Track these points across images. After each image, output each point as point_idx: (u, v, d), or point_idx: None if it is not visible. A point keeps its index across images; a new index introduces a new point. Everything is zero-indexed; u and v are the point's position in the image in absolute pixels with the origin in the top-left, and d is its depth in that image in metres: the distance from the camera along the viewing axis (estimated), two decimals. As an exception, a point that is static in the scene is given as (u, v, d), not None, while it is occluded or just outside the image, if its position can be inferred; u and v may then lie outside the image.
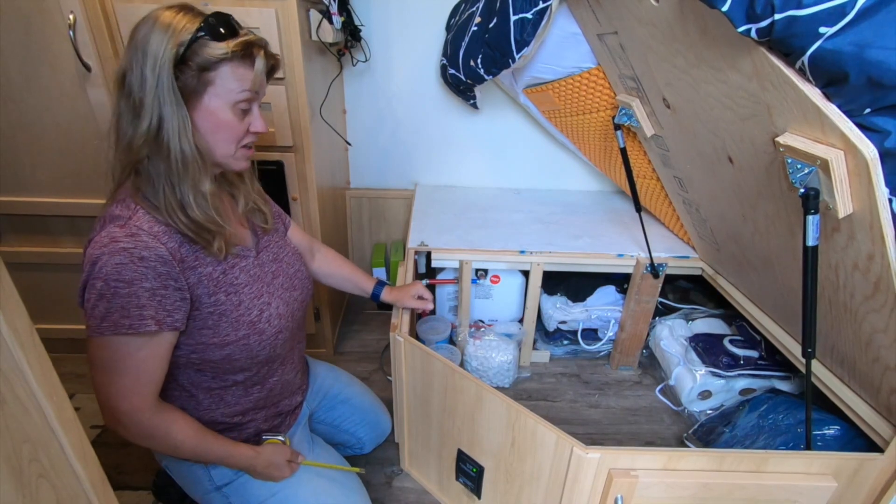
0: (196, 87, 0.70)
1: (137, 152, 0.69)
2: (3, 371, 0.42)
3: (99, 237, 0.68)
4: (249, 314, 0.81)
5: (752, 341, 1.36)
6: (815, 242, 0.74)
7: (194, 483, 0.89)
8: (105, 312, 0.67)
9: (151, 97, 0.67)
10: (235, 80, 0.72)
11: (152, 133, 0.68)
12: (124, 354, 0.70)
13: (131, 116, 0.69)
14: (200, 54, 0.68)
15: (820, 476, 0.82)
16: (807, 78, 0.65)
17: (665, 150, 1.21)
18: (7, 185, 1.27)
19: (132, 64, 0.67)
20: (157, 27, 0.67)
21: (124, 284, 0.67)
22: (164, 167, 0.70)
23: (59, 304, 1.46)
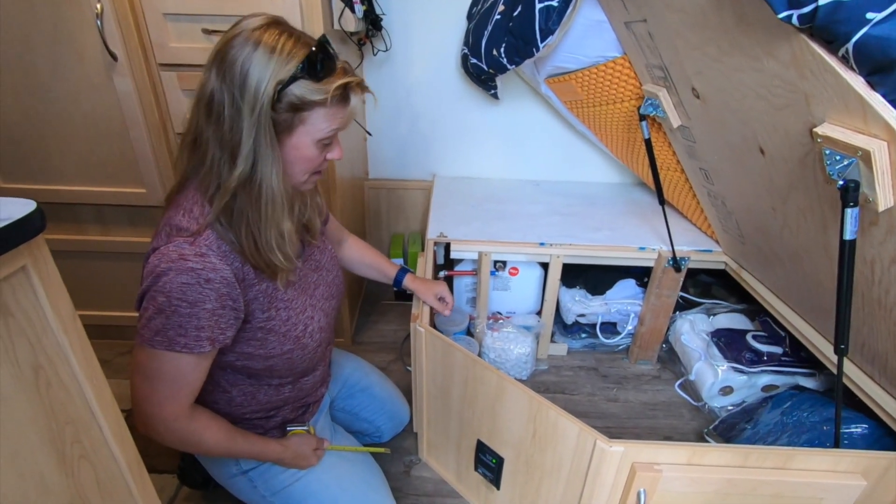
0: (289, 125, 0.67)
1: (226, 191, 0.67)
2: (49, 354, 0.43)
3: (167, 250, 0.66)
4: (295, 329, 0.81)
5: (776, 337, 1.33)
6: (852, 236, 0.72)
7: (220, 467, 0.91)
8: (161, 327, 0.66)
9: (249, 141, 0.64)
10: (327, 121, 0.69)
11: (245, 175, 0.66)
12: (171, 368, 0.70)
13: (225, 155, 0.66)
14: (298, 95, 0.65)
15: (848, 474, 0.80)
16: (850, 66, 0.63)
17: (692, 141, 1.19)
18: (35, 174, 1.30)
19: (226, 93, 0.63)
20: (258, 56, 0.62)
21: (187, 305, 0.66)
22: (250, 207, 0.68)
23: (84, 290, 1.49)
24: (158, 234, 0.70)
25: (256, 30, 0.64)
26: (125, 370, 1.52)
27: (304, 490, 0.91)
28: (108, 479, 0.51)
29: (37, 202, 0.41)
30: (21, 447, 0.40)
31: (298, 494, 0.91)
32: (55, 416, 0.44)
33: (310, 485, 0.92)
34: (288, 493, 0.91)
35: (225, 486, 0.95)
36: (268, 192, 0.68)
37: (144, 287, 0.67)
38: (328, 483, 0.93)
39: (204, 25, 1.15)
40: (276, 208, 0.70)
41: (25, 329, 0.41)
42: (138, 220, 1.39)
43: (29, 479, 0.42)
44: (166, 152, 1.30)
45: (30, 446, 0.41)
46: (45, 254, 0.42)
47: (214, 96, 0.64)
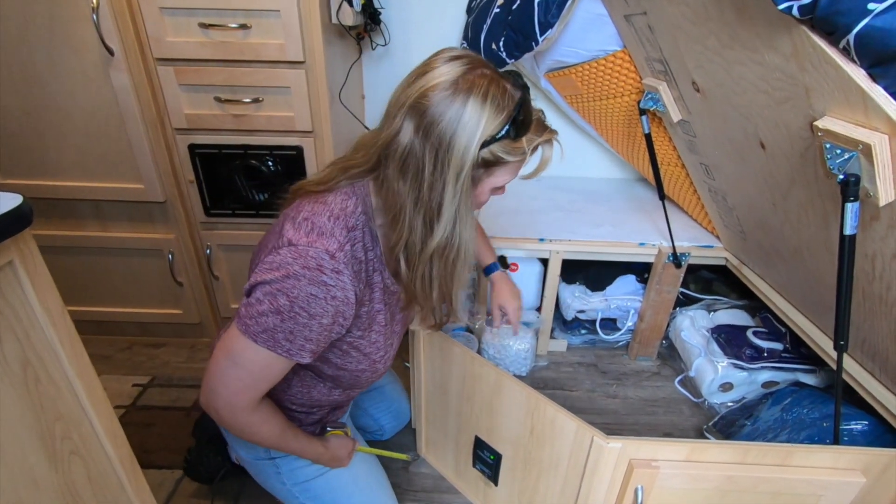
0: (479, 179, 0.65)
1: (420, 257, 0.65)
2: (37, 350, 0.43)
3: (306, 252, 0.62)
4: (377, 353, 0.81)
5: (777, 333, 1.33)
6: (853, 231, 0.71)
7: (250, 448, 0.90)
8: (272, 327, 0.63)
9: (450, 205, 0.61)
10: (511, 174, 0.68)
11: (444, 242, 0.64)
12: (263, 365, 0.67)
13: (421, 216, 0.63)
14: (496, 154, 0.62)
15: (848, 471, 0.80)
16: (851, 58, 0.61)
17: (692, 135, 1.18)
18: (33, 169, 1.30)
19: (428, 153, 0.59)
20: (466, 115, 0.58)
21: (307, 316, 0.63)
22: (443, 267, 0.66)
23: (83, 286, 1.49)
24: (296, 225, 0.65)
25: (460, 80, 0.59)
26: (127, 366, 1.52)
27: (326, 485, 0.92)
28: (100, 475, 0.51)
29: (25, 197, 0.41)
30: (9, 443, 0.40)
31: (319, 489, 0.92)
32: (44, 411, 0.43)
33: (330, 481, 0.93)
34: (309, 486, 0.92)
35: (247, 467, 0.95)
36: (466, 255, 0.66)
37: (268, 278, 0.63)
38: (347, 481, 0.94)
39: (200, 19, 1.14)
40: (468, 267, 0.68)
41: (13, 324, 0.40)
42: (137, 215, 1.39)
43: (18, 474, 0.41)
44: (164, 148, 1.29)
45: (18, 442, 0.41)
46: (33, 248, 0.42)
47: (414, 152, 0.60)
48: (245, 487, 1.15)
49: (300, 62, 1.19)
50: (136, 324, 1.58)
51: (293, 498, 0.93)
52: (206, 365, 0.70)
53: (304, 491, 0.92)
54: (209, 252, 1.44)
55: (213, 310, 1.57)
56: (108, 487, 0.52)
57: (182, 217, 1.39)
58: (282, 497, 0.95)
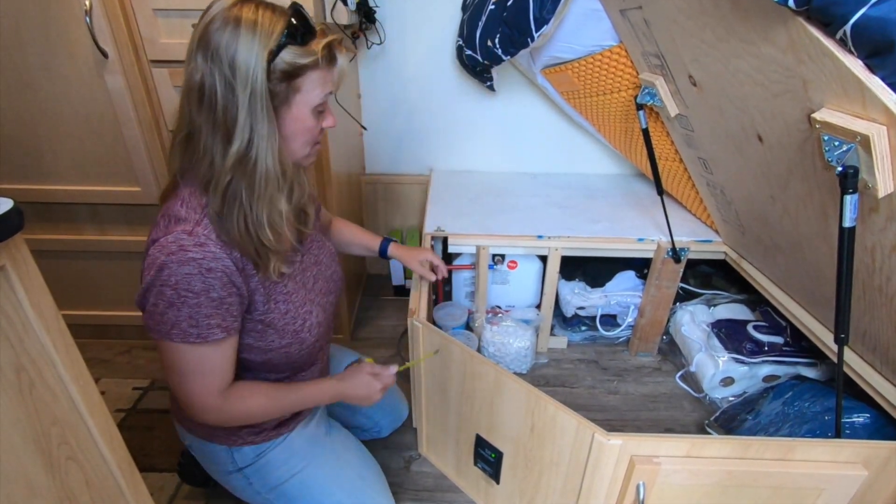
0: (285, 96, 0.67)
1: (221, 174, 0.66)
2: (31, 355, 0.42)
3: (166, 241, 0.66)
4: (294, 323, 0.80)
5: (777, 327, 1.32)
6: (852, 223, 0.71)
7: (216, 464, 0.91)
8: (174, 321, 0.67)
9: (244, 117, 0.63)
10: (320, 85, 0.69)
11: (241, 152, 0.65)
12: (194, 360, 0.70)
13: (218, 137, 0.65)
14: (289, 62, 0.64)
15: (849, 465, 0.79)
16: (848, 49, 0.61)
17: (689, 130, 1.17)
18: (29, 173, 1.29)
19: (216, 77, 0.62)
20: (242, 33, 0.61)
21: (193, 295, 0.66)
22: (245, 187, 0.67)
23: (82, 290, 1.49)
24: (156, 226, 0.70)
25: (232, 8, 0.63)
26: (126, 369, 1.52)
27: (300, 486, 0.91)
28: (98, 480, 0.50)
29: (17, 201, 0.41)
30: (4, 450, 0.40)
31: (294, 490, 0.91)
32: (40, 417, 0.43)
33: (305, 480, 0.91)
34: (283, 490, 0.91)
35: (222, 484, 0.95)
36: (262, 166, 0.66)
37: (148, 281, 0.67)
38: (323, 479, 0.93)
39: (194, 21, 1.12)
40: (271, 184, 0.69)
41: (6, 330, 0.40)
42: (134, 218, 1.38)
43: (14, 481, 0.41)
44: (160, 150, 1.29)
45: (14, 449, 0.41)
46: (25, 253, 0.41)
47: (205, 82, 0.63)
48: (246, 489, 1.14)
49: (295, 62, 1.19)
50: (135, 327, 1.58)
51: None
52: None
53: (279, 496, 0.91)
54: (207, 254, 1.43)
55: (212, 312, 1.57)
56: (107, 492, 0.52)
57: (179, 219, 1.38)
58: None
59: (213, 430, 0.87)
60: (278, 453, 0.91)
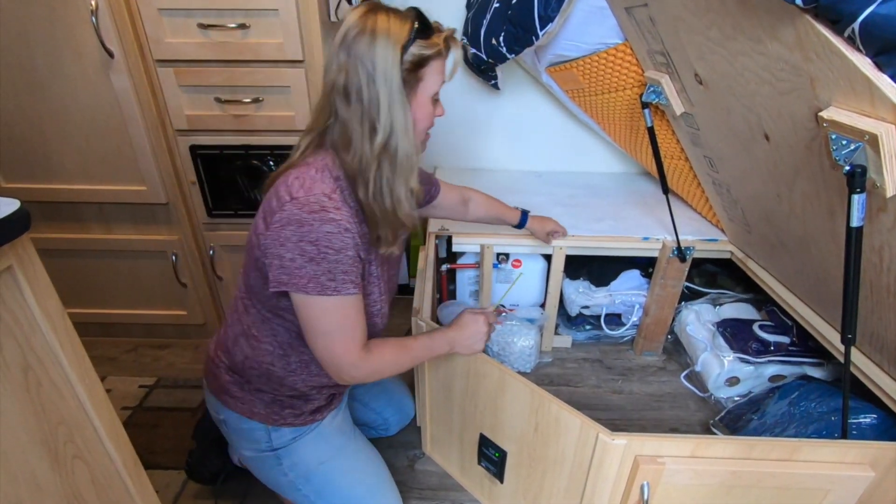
0: (412, 85, 0.75)
1: (370, 160, 0.74)
2: (38, 355, 0.43)
3: (307, 199, 0.71)
4: (374, 306, 0.85)
5: (783, 326, 1.31)
6: (859, 223, 0.70)
7: (251, 442, 0.91)
8: (313, 274, 0.71)
9: (386, 109, 0.72)
10: (438, 74, 0.77)
11: (385, 141, 0.73)
12: (335, 314, 0.75)
13: (366, 128, 0.73)
14: (416, 53, 0.73)
15: (856, 465, 0.79)
16: (856, 47, 0.60)
17: (695, 128, 1.17)
18: (36, 173, 1.30)
19: (360, 78, 0.71)
20: (377, 39, 0.70)
21: (333, 252, 0.71)
22: (389, 169, 0.75)
23: (88, 289, 1.50)
24: (290, 186, 0.73)
25: (366, 18, 0.72)
26: (132, 367, 1.53)
27: (328, 475, 0.93)
28: (104, 478, 0.51)
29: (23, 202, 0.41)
30: (11, 448, 0.40)
31: (321, 479, 0.93)
32: (47, 416, 0.43)
33: (333, 471, 0.94)
34: (312, 476, 0.92)
35: (250, 465, 0.96)
36: (403, 151, 0.75)
37: (285, 236, 0.70)
38: (348, 470, 0.95)
39: (199, 20, 1.14)
40: (411, 163, 0.77)
41: (13, 329, 0.40)
42: (140, 217, 1.39)
43: (21, 479, 0.41)
44: (165, 149, 1.29)
45: (21, 447, 0.41)
46: (31, 253, 0.42)
47: (350, 82, 0.72)
48: (251, 489, 1.15)
49: (299, 61, 1.19)
50: (142, 325, 1.59)
51: (295, 490, 0.94)
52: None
53: (306, 482, 0.93)
54: (212, 253, 1.44)
55: (217, 310, 1.58)
56: (112, 490, 0.52)
57: (185, 218, 1.39)
58: (285, 490, 0.95)
59: (255, 408, 0.88)
60: (312, 439, 0.92)
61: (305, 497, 0.94)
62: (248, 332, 0.85)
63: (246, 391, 0.89)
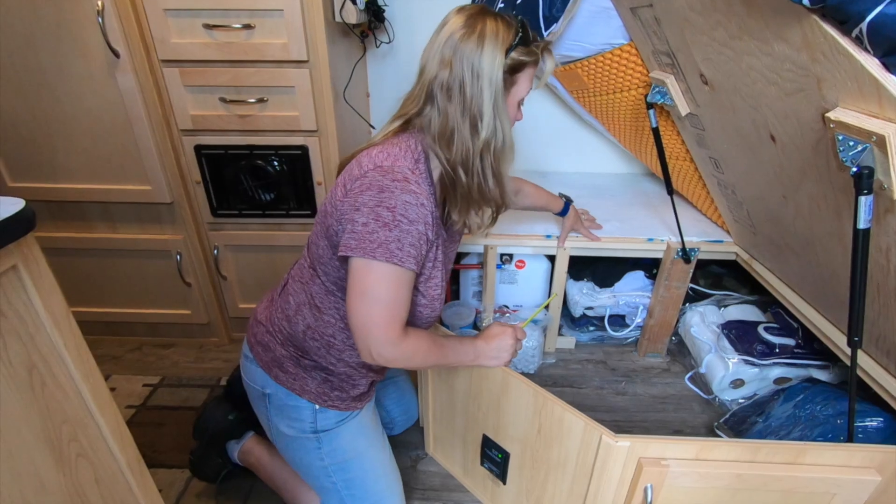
0: (507, 86, 0.78)
1: (472, 153, 0.77)
2: (43, 354, 0.43)
3: (391, 168, 0.74)
4: (435, 290, 0.86)
5: (789, 329, 1.31)
6: (867, 225, 0.70)
7: (294, 420, 0.90)
8: (384, 240, 0.71)
9: (490, 111, 0.75)
10: (529, 81, 0.81)
11: (490, 136, 0.77)
12: (389, 284, 0.74)
13: (467, 122, 0.76)
14: (516, 58, 0.77)
15: (862, 469, 0.78)
16: (864, 47, 0.60)
17: (700, 129, 1.16)
18: (42, 172, 1.31)
19: (465, 75, 0.74)
20: (486, 41, 0.74)
21: (407, 222, 0.72)
22: (493, 160, 0.79)
23: (93, 287, 1.51)
24: (374, 157, 0.76)
25: (475, 20, 0.75)
26: (137, 366, 1.54)
27: (361, 466, 0.94)
28: (108, 477, 0.51)
29: (28, 201, 0.41)
30: (16, 447, 0.41)
31: (355, 468, 0.94)
32: (51, 415, 0.44)
33: (366, 462, 0.95)
34: (347, 465, 0.93)
35: (282, 444, 0.95)
36: (508, 142, 0.79)
37: (363, 200, 0.72)
38: (377, 465, 0.97)
39: (204, 20, 1.14)
40: (511, 155, 0.82)
41: (18, 329, 0.41)
42: (145, 217, 1.40)
43: (25, 478, 0.42)
44: (170, 149, 1.30)
45: (25, 446, 0.41)
46: (37, 253, 0.42)
47: (455, 78, 0.75)
48: (254, 488, 1.15)
49: (304, 61, 1.19)
50: (146, 324, 1.60)
51: (327, 476, 0.94)
52: (214, 365, 0.70)
53: (340, 469, 0.93)
54: (216, 252, 1.45)
55: (221, 310, 1.58)
56: (116, 489, 0.52)
57: (189, 218, 1.40)
58: (314, 474, 0.95)
59: (306, 386, 0.88)
60: (352, 427, 0.93)
61: (333, 485, 0.94)
62: (312, 301, 0.86)
63: (300, 367, 0.88)
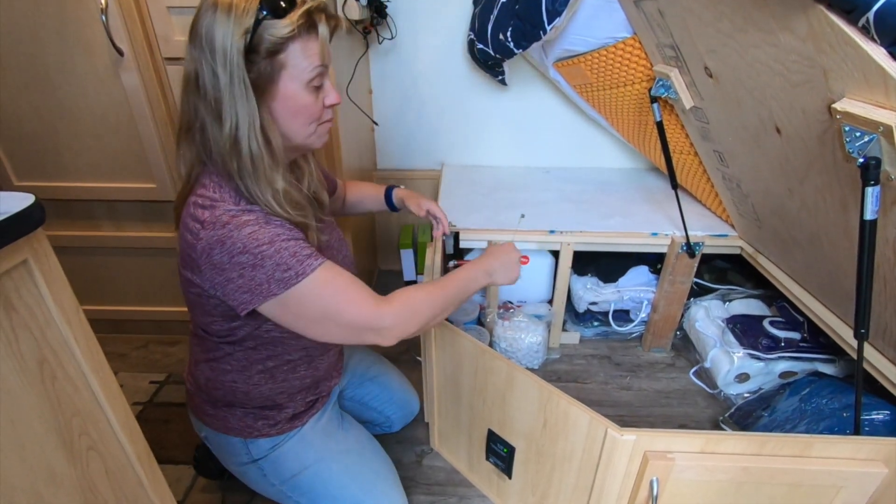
0: (270, 73, 0.66)
1: (227, 159, 0.67)
2: (53, 347, 0.43)
3: (213, 217, 0.65)
4: None
5: (794, 322, 1.30)
6: (873, 216, 0.69)
7: (232, 455, 0.92)
8: (267, 277, 0.65)
9: (228, 96, 0.64)
10: (306, 58, 0.67)
11: (232, 136, 0.66)
12: (315, 294, 0.68)
13: (213, 120, 0.66)
14: (267, 38, 0.63)
15: (869, 462, 0.78)
16: (870, 37, 0.60)
17: (705, 122, 1.16)
18: (47, 171, 1.32)
19: (201, 63, 0.63)
20: (218, 15, 0.62)
21: (267, 245, 0.65)
22: (240, 168, 0.67)
23: (98, 286, 1.52)
24: (193, 216, 0.68)
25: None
26: (143, 364, 1.55)
27: (314, 478, 0.92)
28: (118, 470, 0.51)
29: (37, 197, 0.41)
30: (28, 440, 0.41)
31: (308, 483, 0.92)
32: (62, 408, 0.44)
33: (320, 473, 0.93)
34: (297, 482, 0.92)
35: (237, 476, 0.97)
36: (247, 147, 0.66)
37: (216, 262, 0.65)
38: (337, 471, 0.94)
39: (207, 18, 1.14)
40: (263, 164, 0.68)
41: (29, 323, 0.41)
42: (150, 215, 1.40)
43: (37, 470, 0.42)
44: (174, 147, 1.30)
45: (37, 439, 0.42)
46: (46, 247, 0.42)
47: (196, 70, 0.65)
48: (261, 482, 1.16)
49: (307, 58, 1.19)
50: (152, 322, 1.61)
51: (286, 497, 0.94)
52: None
53: (293, 488, 0.92)
54: (221, 250, 1.45)
55: (226, 307, 1.59)
56: (126, 482, 0.53)
57: (194, 215, 1.40)
58: (277, 498, 0.96)
59: (228, 423, 0.88)
60: (292, 445, 0.92)
61: (298, 502, 0.94)
62: (206, 356, 0.85)
63: (218, 408, 0.89)
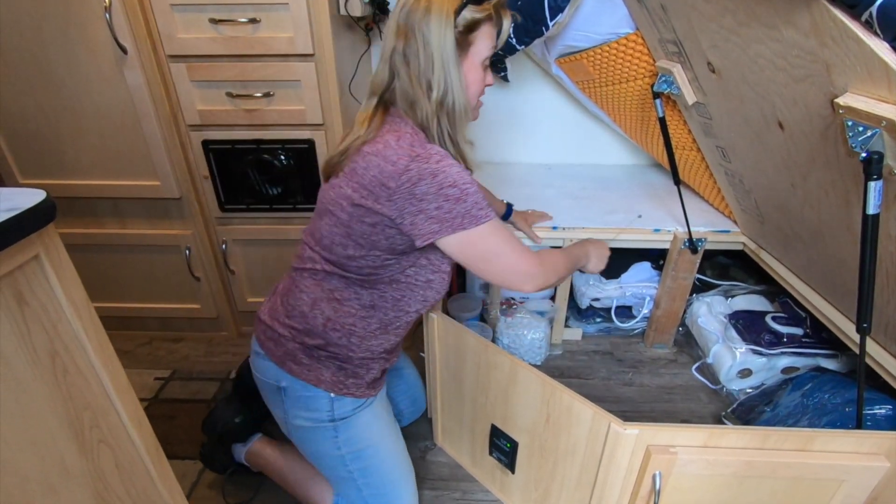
0: (464, 47, 0.79)
1: (430, 120, 0.80)
2: (65, 342, 0.44)
3: (426, 153, 0.76)
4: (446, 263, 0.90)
5: (797, 318, 1.30)
6: (876, 211, 0.69)
7: (310, 411, 0.91)
8: (465, 211, 0.76)
9: (440, 71, 0.77)
10: (489, 39, 0.81)
11: (441, 97, 0.78)
12: (497, 235, 0.80)
13: (423, 88, 0.78)
14: (468, 17, 0.77)
15: (871, 456, 0.79)
16: (874, 31, 0.60)
17: (707, 118, 1.16)
18: (52, 169, 1.32)
19: (418, 40, 0.76)
20: (433, 5, 0.75)
21: (469, 184, 0.77)
22: (448, 123, 0.81)
23: (103, 283, 1.52)
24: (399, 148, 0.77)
25: None
26: (148, 360, 1.56)
27: (377, 455, 0.95)
28: (128, 463, 0.52)
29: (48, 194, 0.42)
30: (40, 432, 0.42)
31: (371, 457, 0.95)
32: (73, 401, 0.45)
33: (381, 451, 0.96)
34: (363, 454, 0.94)
35: (296, 435, 0.94)
36: (459, 106, 0.80)
37: (422, 191, 0.75)
38: (391, 454, 0.98)
39: (210, 15, 1.15)
40: (467, 116, 0.83)
41: (41, 317, 0.42)
42: (154, 212, 1.41)
43: (50, 462, 0.43)
44: (178, 144, 1.31)
45: (49, 431, 0.43)
46: (57, 243, 0.43)
47: (408, 44, 0.77)
48: (263, 483, 1.17)
49: (310, 55, 1.19)
50: (156, 319, 1.62)
51: (343, 466, 0.94)
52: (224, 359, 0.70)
53: (356, 458, 0.94)
54: (224, 247, 1.46)
55: (229, 304, 1.59)
56: (136, 475, 0.53)
57: (197, 213, 1.41)
58: (331, 464, 0.95)
59: (321, 375, 0.89)
60: (367, 414, 0.94)
61: (350, 474, 0.95)
62: (331, 296, 0.87)
63: (314, 359, 0.89)
